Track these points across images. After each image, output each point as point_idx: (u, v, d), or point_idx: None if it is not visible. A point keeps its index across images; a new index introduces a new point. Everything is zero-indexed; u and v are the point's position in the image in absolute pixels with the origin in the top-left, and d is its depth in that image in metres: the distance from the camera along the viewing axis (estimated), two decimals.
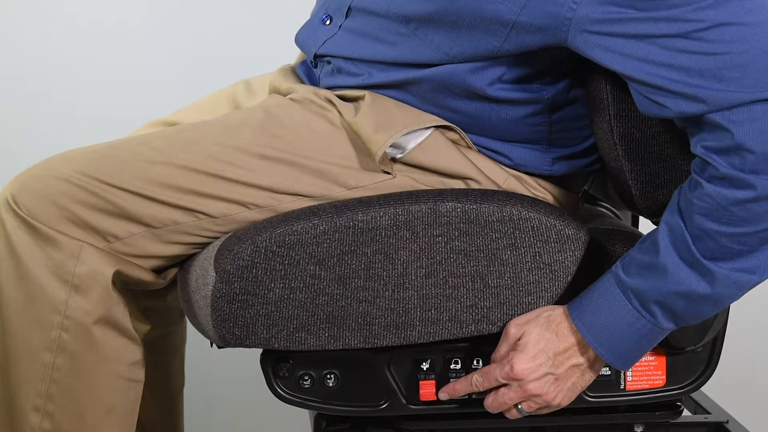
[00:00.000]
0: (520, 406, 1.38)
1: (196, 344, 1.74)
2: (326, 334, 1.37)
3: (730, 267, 1.27)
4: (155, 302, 1.60)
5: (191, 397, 1.75)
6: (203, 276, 1.38)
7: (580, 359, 1.37)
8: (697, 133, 1.27)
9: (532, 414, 1.39)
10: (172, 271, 1.49)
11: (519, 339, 1.36)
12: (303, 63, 1.58)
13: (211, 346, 1.53)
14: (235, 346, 1.39)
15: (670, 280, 1.29)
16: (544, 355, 1.36)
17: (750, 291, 1.34)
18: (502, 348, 1.38)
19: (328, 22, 1.50)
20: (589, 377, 1.38)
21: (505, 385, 1.37)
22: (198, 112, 1.67)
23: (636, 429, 1.50)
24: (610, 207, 1.73)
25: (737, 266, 1.27)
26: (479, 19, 1.32)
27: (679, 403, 1.49)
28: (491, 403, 1.39)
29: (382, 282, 1.36)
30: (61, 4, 2.36)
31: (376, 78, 1.43)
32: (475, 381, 1.39)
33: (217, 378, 2.30)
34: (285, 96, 1.51)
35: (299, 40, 1.55)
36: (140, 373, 1.47)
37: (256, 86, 1.68)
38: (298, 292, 1.36)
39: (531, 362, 1.36)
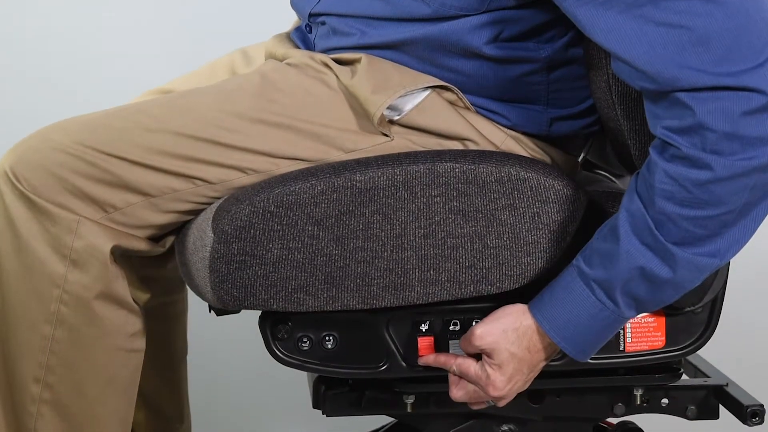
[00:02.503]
0: (491, 402, 1.41)
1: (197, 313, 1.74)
2: (325, 295, 1.37)
3: (692, 252, 1.27)
4: (155, 271, 1.60)
5: (193, 368, 1.75)
6: (201, 238, 1.38)
7: (549, 357, 1.38)
8: (658, 111, 1.26)
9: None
10: (171, 238, 1.49)
11: (490, 356, 1.36)
12: (298, 29, 1.58)
13: (210, 311, 1.53)
14: (233, 308, 1.39)
15: (632, 265, 1.28)
16: (519, 373, 1.37)
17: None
18: (468, 348, 1.39)
19: None
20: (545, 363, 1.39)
21: None
22: (195, 80, 1.66)
23: (635, 392, 1.50)
24: (607, 174, 1.73)
25: (699, 251, 1.27)
26: None
27: (678, 366, 1.49)
28: (462, 397, 1.41)
29: (380, 242, 1.36)
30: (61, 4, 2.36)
31: (371, 37, 1.42)
32: (453, 370, 1.40)
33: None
34: (281, 61, 1.51)
35: (294, 1, 1.54)
36: (141, 343, 1.47)
37: (253, 54, 1.68)
38: (296, 253, 1.35)
39: (509, 383, 1.37)
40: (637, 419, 1.62)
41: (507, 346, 1.35)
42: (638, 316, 1.42)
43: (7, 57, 2.36)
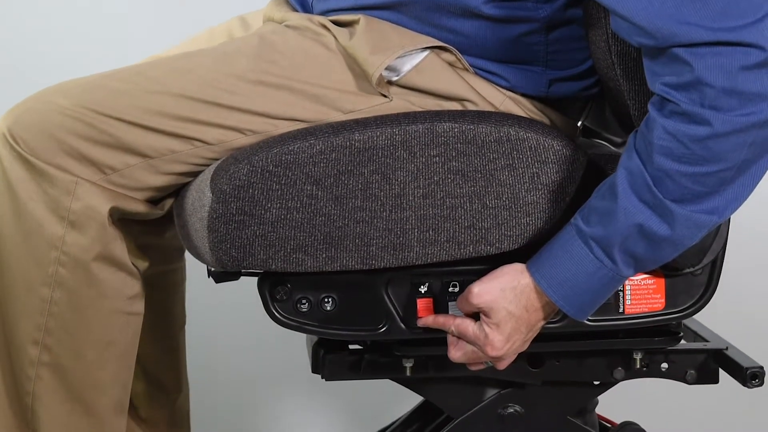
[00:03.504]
0: (489, 363, 1.40)
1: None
2: (324, 255, 1.37)
3: (690, 209, 1.26)
4: (154, 239, 1.59)
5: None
6: (199, 198, 1.37)
7: (548, 316, 1.37)
8: (656, 68, 1.25)
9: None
10: (169, 201, 1.49)
11: (488, 315, 1.36)
12: None
13: (209, 276, 1.53)
14: (232, 269, 1.38)
15: (630, 223, 1.28)
16: (518, 332, 1.36)
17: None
18: (466, 307, 1.38)
19: None
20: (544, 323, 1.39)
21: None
22: (193, 46, 1.65)
23: (635, 356, 1.50)
24: (607, 145, 1.73)
25: (697, 208, 1.26)
26: None
27: (677, 329, 1.49)
28: (460, 357, 1.40)
29: (379, 202, 1.36)
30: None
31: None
32: (452, 330, 1.39)
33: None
34: (279, 24, 1.50)
35: None
36: (139, 306, 1.47)
37: (251, 21, 1.68)
38: (295, 213, 1.35)
39: (507, 342, 1.36)
40: (639, 419, 1.63)
41: (505, 305, 1.35)
42: (637, 278, 1.42)
43: (7, 57, 2.36)
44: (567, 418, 1.54)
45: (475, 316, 1.38)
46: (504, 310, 1.35)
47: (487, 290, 1.35)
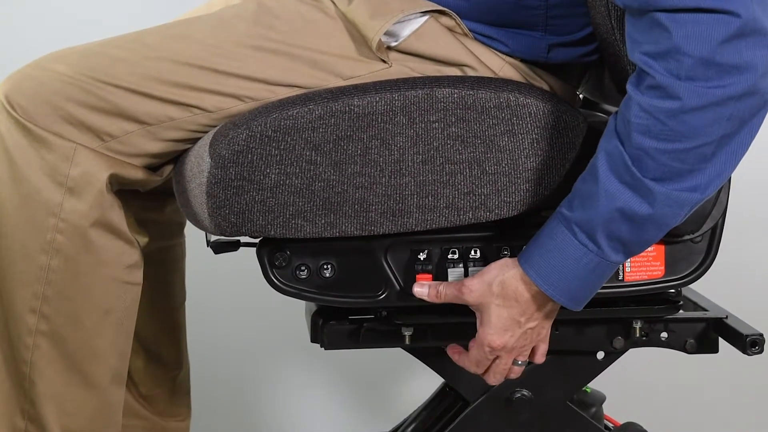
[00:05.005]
0: (519, 361, 1.40)
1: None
2: (323, 221, 1.36)
3: (671, 187, 1.25)
4: (153, 214, 1.59)
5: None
6: (198, 164, 1.37)
7: (548, 304, 1.36)
8: (636, 35, 1.24)
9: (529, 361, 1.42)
10: (168, 168, 1.48)
11: (480, 312, 1.36)
12: None
13: (208, 246, 1.53)
14: (231, 236, 1.38)
15: (612, 205, 1.27)
16: (512, 322, 1.36)
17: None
18: (455, 293, 1.38)
19: None
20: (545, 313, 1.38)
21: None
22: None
23: (634, 324, 1.49)
24: (605, 115, 1.72)
25: (678, 186, 1.25)
26: None
27: (677, 298, 1.49)
28: (493, 379, 1.41)
29: (378, 168, 1.35)
30: (61, 3, 2.35)
31: None
32: (470, 359, 1.41)
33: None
34: None
35: None
36: (137, 275, 1.46)
37: None
38: (294, 178, 1.35)
39: (505, 334, 1.36)
40: (640, 419, 1.63)
41: (492, 300, 1.35)
42: None
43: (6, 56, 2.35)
44: (572, 407, 1.54)
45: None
46: (493, 305, 1.35)
47: (477, 284, 1.36)
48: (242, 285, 2.01)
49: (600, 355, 1.53)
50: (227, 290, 2.31)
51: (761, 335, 1.47)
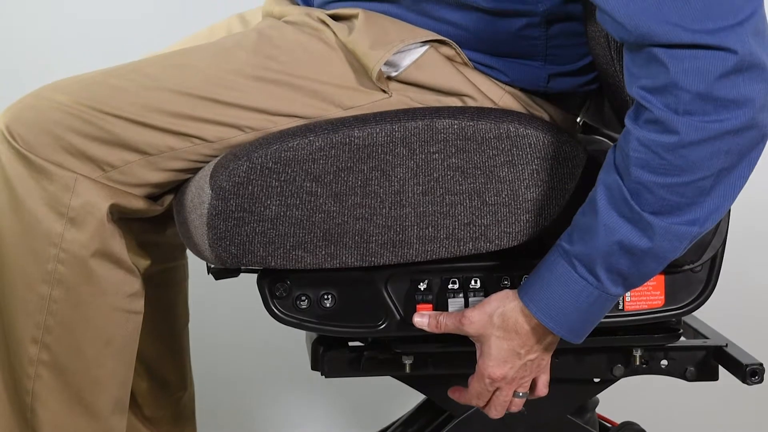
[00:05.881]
0: (519, 393, 1.40)
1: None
2: (323, 252, 1.36)
3: (670, 221, 1.25)
4: (154, 237, 1.59)
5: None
6: (199, 195, 1.37)
7: (548, 336, 1.36)
8: (634, 69, 1.24)
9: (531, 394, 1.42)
10: (169, 198, 1.48)
11: (480, 342, 1.37)
12: None
13: (208, 273, 1.53)
14: (231, 266, 1.38)
15: (611, 239, 1.27)
16: (512, 354, 1.36)
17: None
18: (456, 323, 1.38)
19: None
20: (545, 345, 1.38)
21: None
22: (193, 43, 1.66)
23: (634, 353, 1.50)
24: (606, 140, 1.73)
25: (677, 220, 1.25)
26: None
27: (677, 326, 1.49)
28: (494, 412, 1.41)
29: (378, 199, 1.36)
30: (61, 3, 2.35)
31: None
32: (471, 392, 1.41)
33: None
34: (278, 19, 1.50)
35: None
36: (139, 304, 1.46)
37: (250, 19, 1.68)
38: (294, 210, 1.35)
39: (504, 366, 1.36)
40: (639, 419, 1.63)
41: (493, 331, 1.35)
42: None
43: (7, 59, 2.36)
44: (567, 417, 1.54)
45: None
46: (493, 337, 1.35)
47: (478, 315, 1.36)
48: (244, 305, 2.01)
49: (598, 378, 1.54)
50: (230, 311, 2.31)
51: (761, 365, 1.47)
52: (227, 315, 2.32)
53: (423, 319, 1.41)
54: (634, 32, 1.21)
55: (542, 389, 1.42)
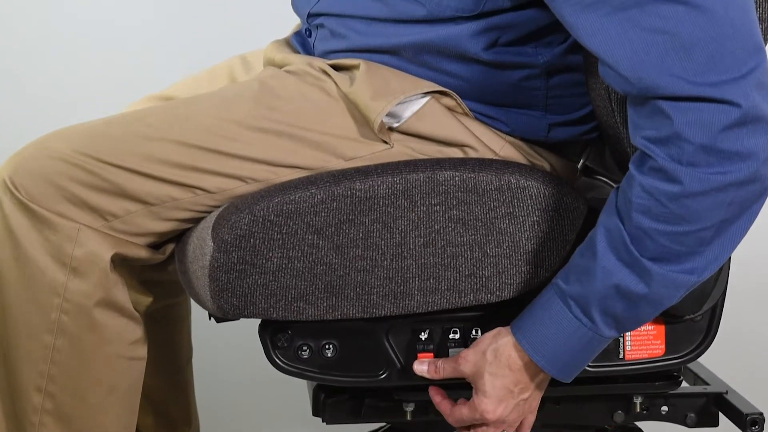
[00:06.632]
0: None
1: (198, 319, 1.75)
2: (325, 304, 1.37)
3: (668, 269, 1.26)
4: (156, 275, 1.60)
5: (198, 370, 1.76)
6: (201, 246, 1.38)
7: (539, 374, 1.37)
8: (638, 120, 1.25)
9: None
10: (170, 246, 1.49)
11: (475, 382, 1.37)
12: (297, 33, 1.58)
13: (210, 319, 1.53)
14: (233, 318, 1.39)
15: (608, 282, 1.28)
16: (507, 392, 1.36)
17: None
18: (453, 368, 1.39)
19: None
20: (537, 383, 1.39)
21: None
22: (194, 85, 1.66)
23: (635, 400, 1.50)
24: (607, 180, 1.73)
25: (676, 268, 1.26)
26: None
27: (677, 374, 1.49)
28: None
29: (380, 251, 1.36)
30: (61, 4, 2.35)
31: (369, 39, 1.42)
32: (449, 419, 1.41)
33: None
34: (280, 68, 1.51)
35: (295, 2, 1.55)
36: (142, 351, 1.47)
37: (251, 60, 1.68)
38: (296, 262, 1.35)
39: (499, 405, 1.37)
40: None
41: (486, 369, 1.36)
42: None
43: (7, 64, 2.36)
44: None
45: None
46: (487, 374, 1.36)
47: (473, 353, 1.37)
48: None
49: None
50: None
51: (761, 414, 1.47)
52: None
53: (422, 366, 1.41)
54: (637, 84, 1.22)
55: (526, 430, 1.42)
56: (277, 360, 1.41)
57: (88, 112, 2.31)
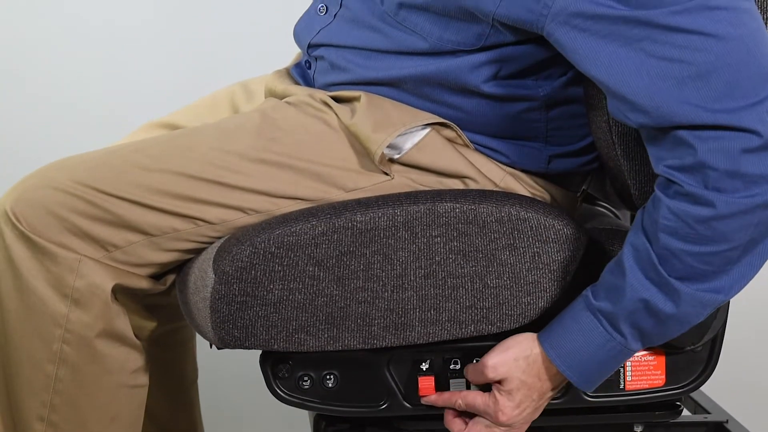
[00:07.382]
0: None
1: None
2: (325, 335, 1.37)
3: (696, 287, 1.27)
4: (159, 299, 1.60)
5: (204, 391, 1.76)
6: (202, 278, 1.38)
7: (558, 386, 1.38)
8: (660, 152, 1.26)
9: None
10: (171, 276, 1.49)
11: (501, 382, 1.37)
12: (297, 65, 1.58)
13: (211, 347, 1.53)
14: (234, 348, 1.39)
15: (637, 300, 1.29)
16: (529, 399, 1.37)
17: (749, 291, 1.34)
18: (479, 379, 1.39)
19: (323, 11, 1.51)
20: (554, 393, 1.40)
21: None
22: (196, 112, 1.67)
23: (636, 429, 1.50)
24: (608, 207, 1.73)
25: (703, 287, 1.27)
26: (463, 9, 1.33)
27: (678, 403, 1.49)
28: (468, 430, 1.40)
29: (381, 283, 1.36)
30: (61, 5, 2.36)
31: (370, 71, 1.43)
32: (459, 404, 1.40)
33: (222, 376, 2.30)
34: (281, 99, 1.51)
35: (296, 32, 1.55)
36: (143, 379, 1.48)
37: (253, 88, 1.69)
38: (297, 293, 1.36)
39: (517, 409, 1.37)
40: None
41: (518, 375, 1.36)
42: (638, 354, 1.42)
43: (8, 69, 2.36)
44: None
45: (484, 387, 1.39)
46: (517, 379, 1.36)
47: (502, 362, 1.37)
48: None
49: None
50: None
51: None
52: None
53: (432, 396, 1.42)
54: (654, 113, 1.23)
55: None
56: (278, 390, 1.42)
57: (88, 112, 2.34)
